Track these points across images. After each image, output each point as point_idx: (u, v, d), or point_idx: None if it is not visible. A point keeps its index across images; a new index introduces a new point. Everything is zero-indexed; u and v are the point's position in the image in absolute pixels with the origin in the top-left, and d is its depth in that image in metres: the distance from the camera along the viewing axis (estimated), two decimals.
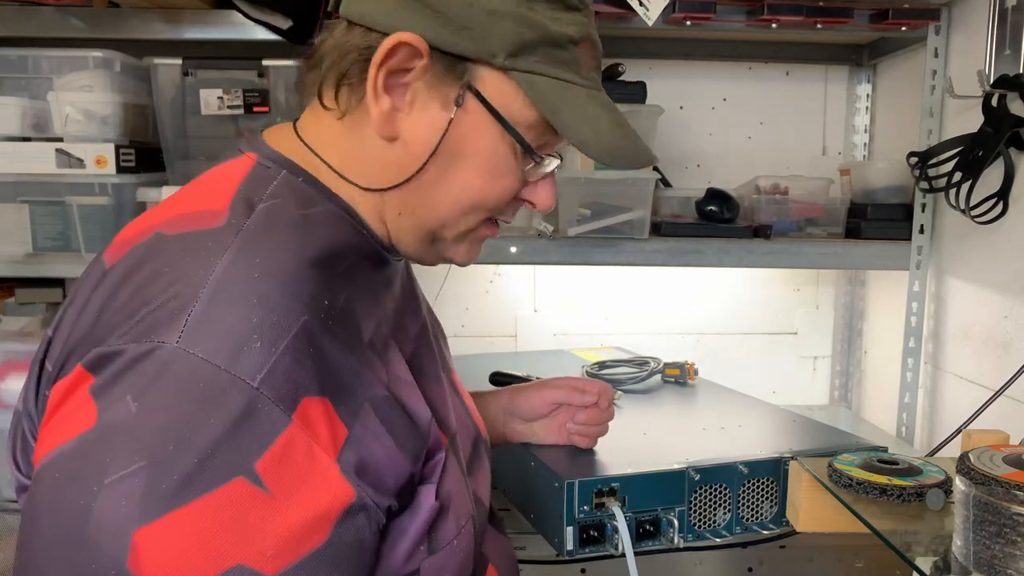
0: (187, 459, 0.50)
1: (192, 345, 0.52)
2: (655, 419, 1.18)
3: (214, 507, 0.50)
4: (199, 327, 0.53)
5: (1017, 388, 1.13)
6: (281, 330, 0.54)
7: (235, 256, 0.56)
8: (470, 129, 0.65)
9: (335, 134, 0.67)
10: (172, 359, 0.52)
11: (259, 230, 0.59)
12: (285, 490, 0.52)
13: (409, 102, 0.64)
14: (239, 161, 0.67)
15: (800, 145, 1.84)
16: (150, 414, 0.51)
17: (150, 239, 0.60)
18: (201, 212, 0.60)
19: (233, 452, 0.51)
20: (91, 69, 1.36)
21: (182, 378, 0.52)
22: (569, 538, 0.93)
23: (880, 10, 1.45)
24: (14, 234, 1.37)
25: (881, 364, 1.77)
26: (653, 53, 1.75)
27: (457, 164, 0.66)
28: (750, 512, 1.01)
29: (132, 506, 0.49)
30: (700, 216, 1.56)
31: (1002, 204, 1.28)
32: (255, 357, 0.53)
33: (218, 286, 0.54)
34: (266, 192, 0.62)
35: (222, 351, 0.52)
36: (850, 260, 1.56)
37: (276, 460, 0.52)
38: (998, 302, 1.34)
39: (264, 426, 0.52)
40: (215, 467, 0.51)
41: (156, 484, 0.50)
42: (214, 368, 0.52)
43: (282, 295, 0.55)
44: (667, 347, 1.84)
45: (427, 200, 0.67)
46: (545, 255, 1.47)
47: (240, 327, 0.53)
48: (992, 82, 1.29)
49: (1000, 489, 0.68)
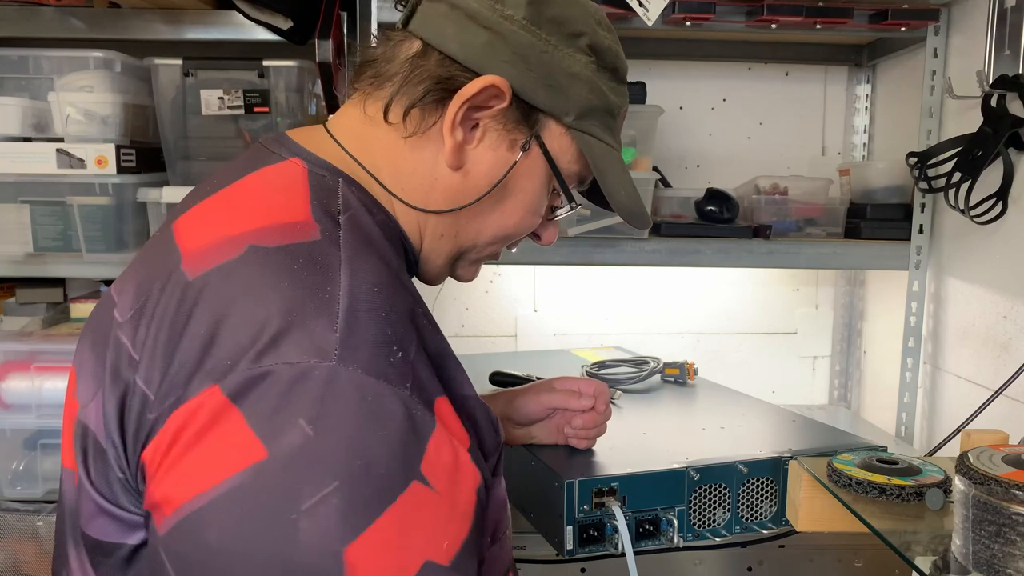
0: (375, 472, 0.52)
1: (349, 362, 0.53)
2: (655, 419, 1.18)
3: (402, 513, 0.53)
4: (349, 343, 0.54)
5: (1016, 388, 1.13)
6: (409, 339, 0.57)
7: (350, 270, 0.58)
8: (527, 171, 0.70)
9: (389, 149, 0.69)
10: (334, 377, 0.53)
11: (355, 242, 0.61)
12: (445, 485, 0.56)
13: (479, 137, 0.68)
14: (286, 167, 0.66)
15: (799, 145, 1.84)
16: (329, 434, 0.52)
17: (247, 252, 0.59)
18: (289, 224, 0.60)
19: (406, 459, 0.54)
20: (92, 69, 1.36)
21: (349, 395, 0.53)
22: (569, 538, 0.93)
23: (879, 10, 1.45)
24: (15, 234, 1.37)
25: (880, 364, 1.78)
26: (653, 53, 1.75)
27: (507, 199, 0.71)
28: (750, 512, 1.01)
29: (336, 525, 0.51)
30: (700, 216, 1.56)
31: (1001, 204, 1.29)
32: (401, 366, 0.56)
33: (351, 301, 0.56)
34: (338, 202, 0.64)
35: (376, 364, 0.54)
36: (849, 260, 1.56)
37: (433, 459, 0.55)
38: (997, 302, 1.34)
39: (420, 429, 0.55)
40: (396, 475, 0.53)
41: (353, 500, 0.51)
42: (375, 381, 0.54)
43: (397, 306, 0.58)
44: (667, 347, 1.84)
45: (473, 227, 0.72)
46: (545, 255, 1.47)
47: (382, 339, 0.56)
48: (991, 82, 1.29)
49: (999, 489, 0.68)
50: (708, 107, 1.82)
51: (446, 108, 0.66)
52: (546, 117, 0.69)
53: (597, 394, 1.00)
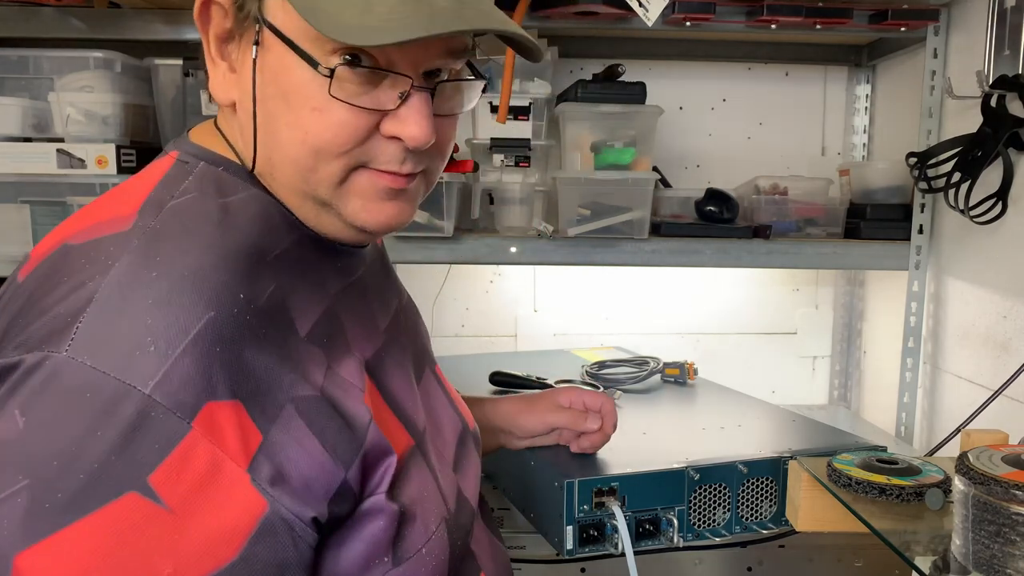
0: (73, 475, 0.47)
1: (81, 353, 0.49)
2: (655, 419, 1.18)
3: (103, 525, 0.47)
4: (90, 334, 0.50)
5: (1016, 388, 1.13)
6: (179, 331, 0.50)
7: (133, 258, 0.53)
8: (276, 66, 0.58)
9: (226, 118, 0.64)
10: (60, 369, 0.49)
11: (164, 229, 0.56)
12: (185, 504, 0.49)
13: (238, 61, 0.61)
14: (161, 161, 0.64)
15: (799, 145, 1.84)
16: (36, 428, 0.48)
17: (57, 251, 0.57)
18: (110, 219, 0.57)
19: (124, 465, 0.48)
20: (92, 69, 1.36)
21: (70, 389, 0.48)
22: (569, 537, 0.93)
23: (879, 10, 1.45)
24: (15, 234, 1.37)
25: (880, 364, 1.78)
26: (653, 53, 1.75)
27: (281, 108, 0.59)
28: (749, 512, 1.01)
29: (13, 528, 0.46)
30: (700, 216, 1.56)
31: (1001, 204, 1.29)
32: (149, 362, 0.49)
33: (111, 290, 0.51)
34: (179, 188, 0.59)
35: (112, 358, 0.49)
36: (849, 260, 1.56)
37: (174, 472, 0.49)
38: (997, 302, 1.34)
39: (159, 436, 0.48)
40: (104, 482, 0.47)
41: (39, 503, 0.46)
42: (103, 376, 0.48)
43: (182, 293, 0.51)
44: (667, 347, 1.84)
45: (276, 157, 0.61)
46: (545, 255, 1.47)
47: (133, 331, 0.50)
48: (991, 82, 1.29)
49: (999, 489, 0.68)
50: (708, 107, 1.82)
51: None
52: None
53: (604, 413, 0.98)
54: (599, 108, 1.44)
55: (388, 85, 0.59)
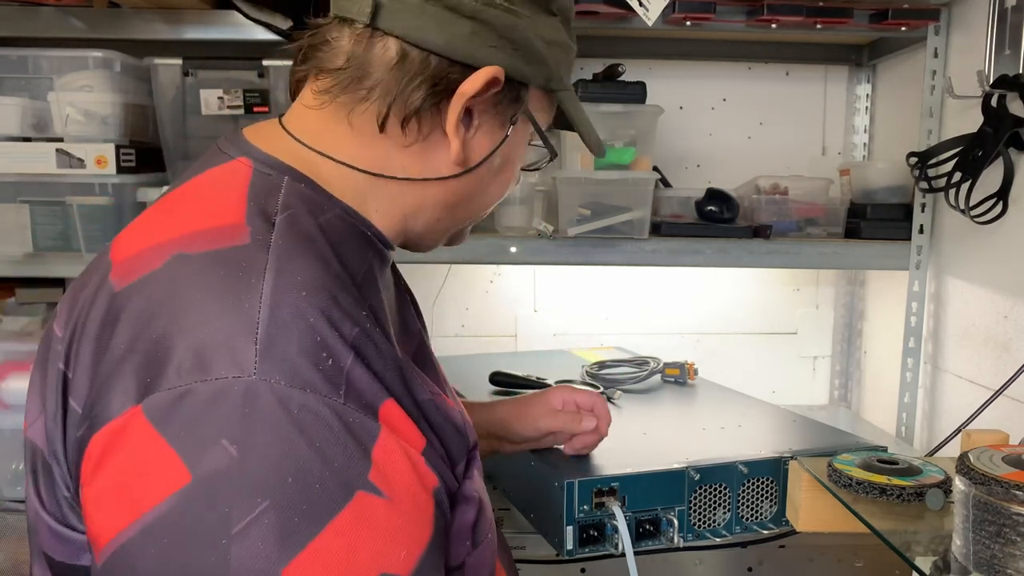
0: (309, 487, 0.50)
1: (269, 374, 0.51)
2: (655, 419, 1.18)
3: (346, 526, 0.50)
4: (269, 355, 0.51)
5: (1017, 388, 1.13)
6: (343, 344, 0.54)
7: (276, 276, 0.55)
8: (517, 140, 0.70)
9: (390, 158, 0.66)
10: (255, 392, 0.50)
11: (288, 245, 0.57)
12: (398, 491, 0.54)
13: (476, 126, 0.67)
14: (232, 167, 0.63)
15: (800, 145, 1.84)
16: (252, 452, 0.49)
17: (170, 262, 0.56)
18: (219, 228, 0.58)
19: (346, 469, 0.51)
20: (91, 69, 1.36)
21: (273, 409, 0.50)
22: (569, 538, 0.93)
23: (880, 10, 1.45)
24: (14, 234, 1.37)
25: (881, 364, 1.78)
26: (653, 53, 1.75)
27: (503, 170, 0.71)
28: (750, 512, 1.01)
29: (270, 548, 0.48)
30: (700, 216, 1.56)
31: (1002, 204, 1.29)
32: (331, 373, 0.53)
33: (273, 310, 0.53)
34: (278, 202, 0.61)
35: (300, 375, 0.52)
36: (850, 260, 1.56)
37: (382, 465, 0.53)
38: (998, 302, 1.34)
39: (362, 437, 0.53)
40: (335, 488, 0.51)
41: (287, 520, 0.49)
42: (300, 392, 0.51)
43: (331, 311, 0.55)
44: (667, 347, 1.84)
45: (475, 204, 0.72)
46: (545, 255, 1.47)
47: (308, 348, 0.53)
48: (992, 82, 1.29)
49: (1000, 489, 0.68)
50: (708, 107, 1.82)
51: (443, 108, 0.64)
52: (531, 88, 0.68)
53: (598, 413, 0.98)
54: (599, 108, 1.44)
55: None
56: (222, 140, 0.67)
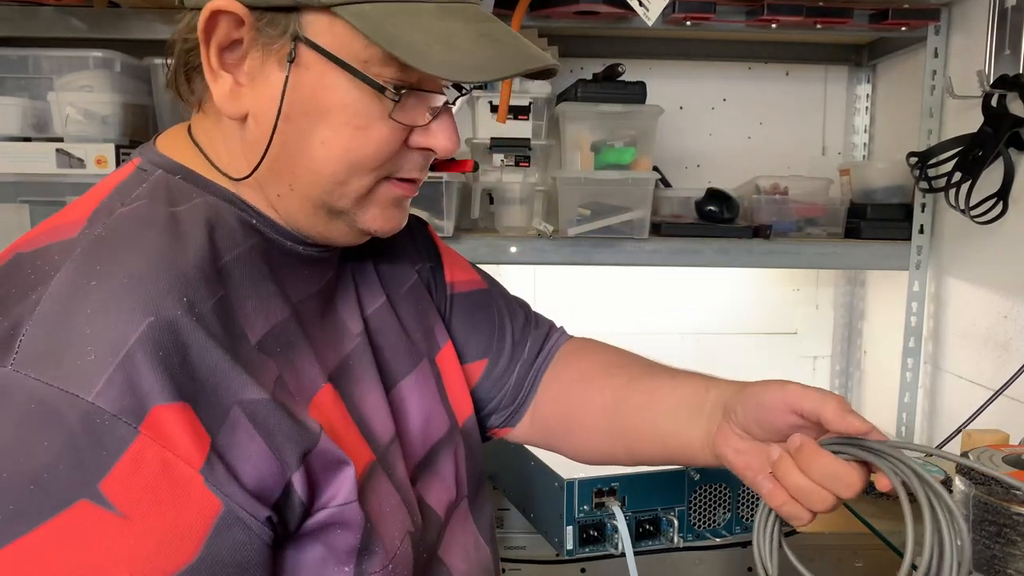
0: (21, 486, 0.46)
1: (24, 366, 0.49)
2: None
3: (57, 535, 0.46)
4: (32, 347, 0.49)
5: (1017, 388, 1.13)
6: (119, 337, 0.50)
7: (74, 267, 0.53)
8: (315, 84, 0.59)
9: (208, 127, 0.64)
10: (6, 383, 0.48)
11: (109, 236, 0.55)
12: (138, 509, 0.48)
13: (249, 74, 0.59)
14: (122, 168, 0.63)
15: (800, 145, 1.84)
16: None
17: (9, 261, 0.56)
18: (58, 226, 0.57)
19: (73, 474, 0.47)
20: (91, 69, 1.36)
21: (14, 402, 0.48)
22: (569, 538, 0.93)
23: (880, 10, 1.45)
24: (15, 234, 1.35)
25: (881, 364, 1.78)
26: (653, 53, 1.75)
27: (315, 125, 0.59)
28: (750, 512, 1.01)
29: None
30: (700, 216, 1.56)
31: (1002, 204, 1.29)
32: (89, 370, 0.49)
33: (51, 302, 0.51)
34: (131, 195, 0.59)
35: (53, 368, 0.49)
36: (850, 260, 1.56)
37: (125, 477, 0.48)
38: (998, 302, 1.34)
39: (107, 442, 0.48)
40: (54, 492, 0.47)
41: None
42: (45, 387, 0.48)
43: (120, 300, 0.51)
44: (667, 347, 1.84)
45: (299, 171, 0.61)
46: (545, 255, 1.47)
47: (73, 341, 0.49)
48: (992, 82, 1.29)
49: (1000, 489, 0.68)
50: (708, 107, 1.82)
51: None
52: (298, 13, 0.57)
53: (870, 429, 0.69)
54: (599, 108, 1.44)
55: (421, 102, 0.62)
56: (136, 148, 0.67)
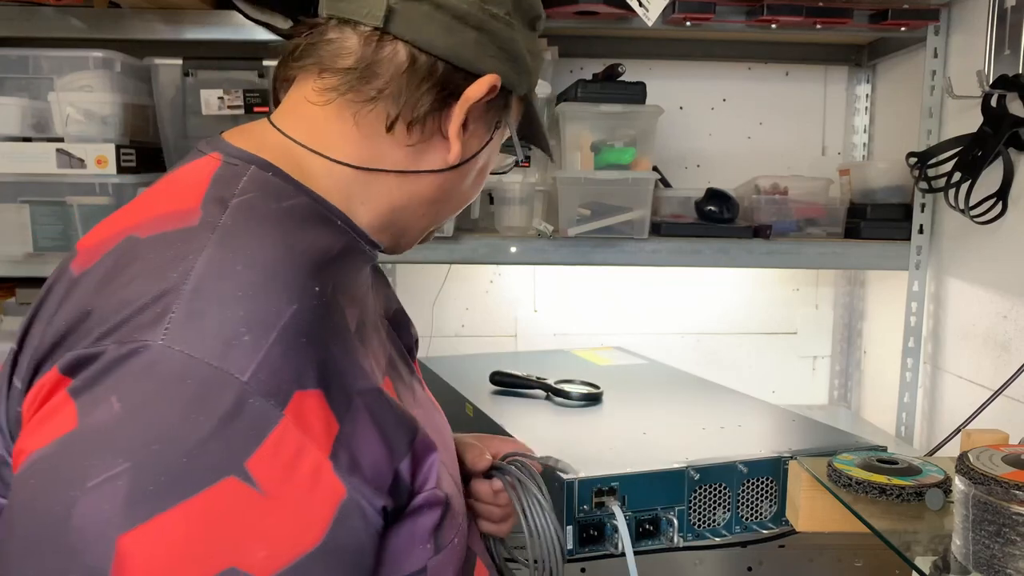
0: (174, 459, 0.48)
1: (178, 343, 0.50)
2: (655, 419, 1.18)
3: (203, 509, 0.48)
4: (184, 324, 0.51)
5: (1016, 388, 1.13)
6: (270, 321, 0.52)
7: (214, 251, 0.55)
8: (495, 144, 0.74)
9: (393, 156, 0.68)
10: (158, 358, 0.50)
11: (236, 224, 0.57)
12: (279, 489, 0.51)
13: (470, 130, 0.70)
14: (204, 161, 0.65)
15: (799, 145, 1.84)
16: (135, 413, 0.49)
17: (122, 243, 0.58)
18: (173, 212, 0.59)
19: (222, 450, 0.49)
20: (92, 69, 1.36)
21: (169, 376, 0.50)
22: (569, 537, 0.93)
23: (879, 10, 1.45)
24: (15, 234, 1.37)
25: (881, 364, 1.78)
26: (653, 53, 1.75)
27: (481, 171, 0.74)
28: (750, 512, 1.01)
29: (115, 510, 0.47)
30: (700, 216, 1.56)
31: (1001, 204, 1.29)
32: (245, 351, 0.51)
33: (200, 282, 0.53)
34: (237, 188, 0.61)
35: (209, 347, 0.50)
36: (850, 260, 1.56)
37: (268, 457, 0.50)
38: (997, 302, 1.34)
39: (255, 422, 0.50)
40: (203, 466, 0.49)
41: (141, 486, 0.47)
42: (201, 364, 0.50)
43: (267, 286, 0.54)
44: (667, 347, 1.84)
45: (452, 203, 0.74)
46: (545, 255, 1.47)
47: (227, 321, 0.52)
48: (991, 82, 1.29)
49: (999, 489, 0.68)
50: (708, 107, 1.82)
51: (444, 111, 0.67)
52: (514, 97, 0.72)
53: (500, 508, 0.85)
54: (599, 108, 1.44)
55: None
56: (201, 142, 0.68)
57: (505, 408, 1.21)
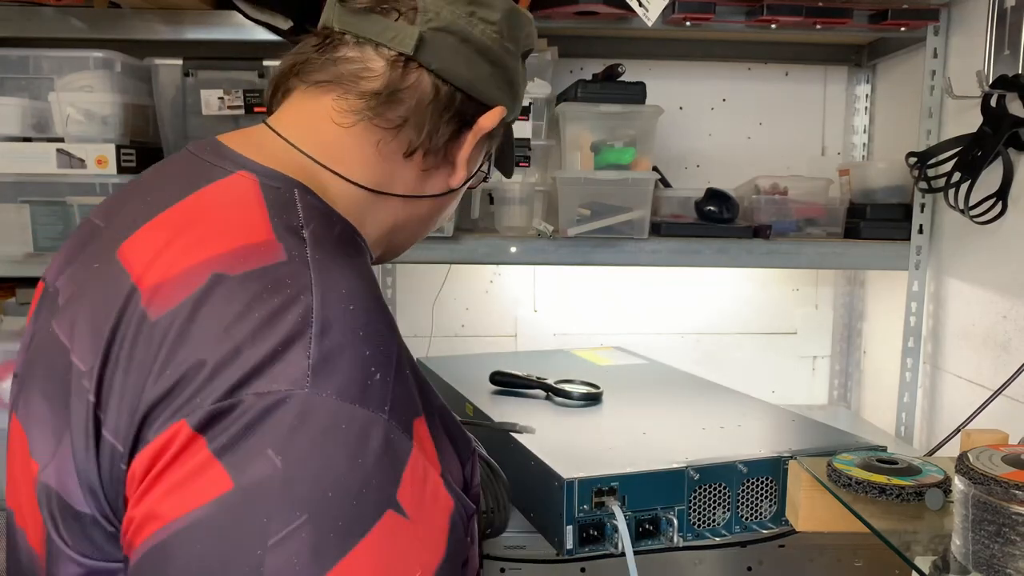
0: (347, 502, 0.50)
1: (323, 388, 0.51)
2: (655, 419, 1.18)
3: (376, 544, 0.51)
4: (323, 369, 0.52)
5: (1016, 388, 1.13)
6: (388, 358, 0.55)
7: (321, 290, 0.55)
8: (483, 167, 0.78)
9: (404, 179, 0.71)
10: (308, 406, 0.51)
11: (324, 258, 0.58)
12: (419, 513, 0.54)
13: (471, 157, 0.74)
14: (235, 182, 0.62)
15: (799, 145, 1.84)
16: (298, 465, 0.50)
17: (210, 283, 0.55)
18: (251, 246, 0.57)
19: (381, 487, 0.52)
20: (92, 69, 1.36)
21: (323, 423, 0.51)
22: (569, 537, 0.93)
23: (879, 10, 1.45)
24: (15, 234, 1.37)
25: (880, 364, 1.78)
26: (653, 53, 1.75)
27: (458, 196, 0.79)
28: (749, 511, 1.01)
29: (306, 561, 0.49)
30: (700, 216, 1.56)
31: (1001, 204, 1.29)
32: (379, 389, 0.53)
33: (324, 324, 0.53)
34: (299, 216, 0.61)
35: (352, 389, 0.52)
36: (849, 260, 1.56)
37: (409, 485, 0.53)
38: (997, 302, 1.34)
39: (398, 454, 0.53)
40: (369, 505, 0.51)
41: (323, 534, 0.49)
42: (351, 407, 0.52)
43: (377, 324, 0.56)
44: (667, 347, 1.84)
45: (442, 216, 0.78)
46: (545, 255, 1.47)
47: (359, 362, 0.53)
48: (991, 82, 1.29)
49: (999, 488, 0.68)
50: (708, 107, 1.82)
51: (459, 139, 0.71)
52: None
53: None
54: (599, 108, 1.44)
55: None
56: (199, 148, 0.66)
57: (505, 408, 1.21)
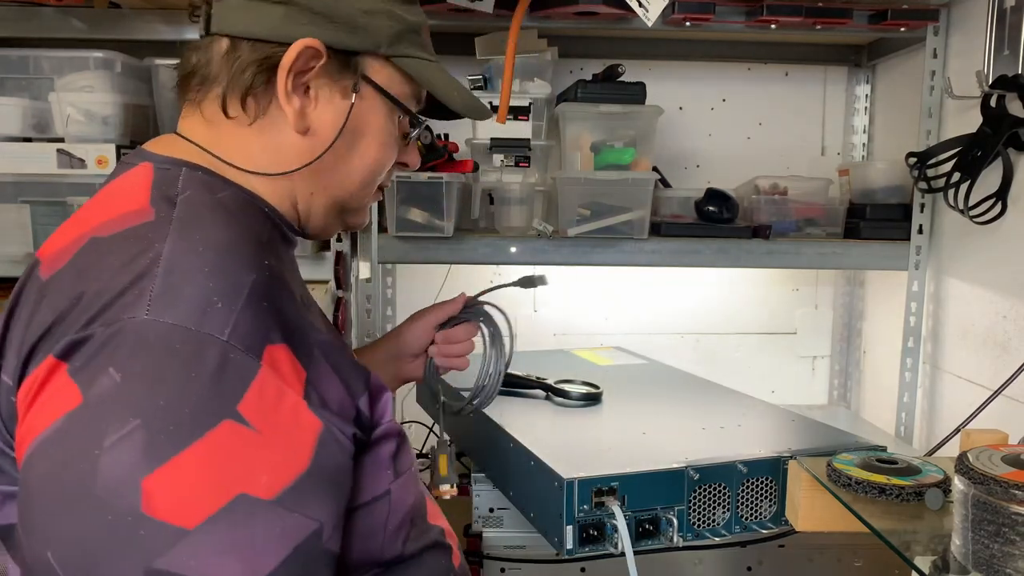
0: (179, 410, 0.57)
1: (161, 315, 0.58)
2: (654, 418, 1.18)
3: (209, 448, 0.57)
4: (163, 299, 0.59)
5: (1016, 388, 1.14)
6: (236, 290, 0.61)
7: (176, 238, 0.63)
8: (367, 110, 0.77)
9: (239, 138, 0.74)
10: (145, 329, 0.58)
11: (188, 215, 0.66)
12: (267, 426, 0.60)
13: (314, 98, 0.74)
14: (137, 170, 0.72)
15: (799, 145, 1.84)
16: (135, 379, 0.57)
17: (86, 245, 0.65)
18: (127, 214, 0.66)
19: (216, 399, 0.58)
20: (92, 70, 1.36)
21: (158, 343, 0.58)
22: (569, 537, 0.93)
23: (879, 11, 1.45)
24: (15, 234, 1.37)
25: (880, 364, 1.78)
26: (653, 53, 1.75)
27: (359, 142, 0.78)
28: (749, 511, 1.01)
29: (136, 459, 0.55)
30: (699, 216, 1.56)
31: (1001, 204, 1.29)
32: (220, 316, 0.59)
33: (170, 264, 0.61)
34: (177, 187, 0.69)
35: (190, 315, 0.59)
36: (849, 260, 1.56)
37: (255, 400, 0.59)
38: (997, 302, 1.35)
39: (239, 373, 0.59)
40: (203, 414, 0.57)
41: (154, 436, 0.56)
42: (186, 330, 0.58)
43: (228, 262, 0.63)
44: (667, 347, 1.84)
45: (338, 177, 0.78)
46: (545, 255, 1.47)
47: (200, 293, 0.60)
48: (991, 82, 1.29)
49: (999, 488, 0.68)
50: (708, 107, 1.82)
51: (275, 85, 0.72)
52: (363, 57, 0.75)
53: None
54: (599, 108, 1.44)
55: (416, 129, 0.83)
56: (127, 155, 0.76)
57: (505, 408, 1.21)
